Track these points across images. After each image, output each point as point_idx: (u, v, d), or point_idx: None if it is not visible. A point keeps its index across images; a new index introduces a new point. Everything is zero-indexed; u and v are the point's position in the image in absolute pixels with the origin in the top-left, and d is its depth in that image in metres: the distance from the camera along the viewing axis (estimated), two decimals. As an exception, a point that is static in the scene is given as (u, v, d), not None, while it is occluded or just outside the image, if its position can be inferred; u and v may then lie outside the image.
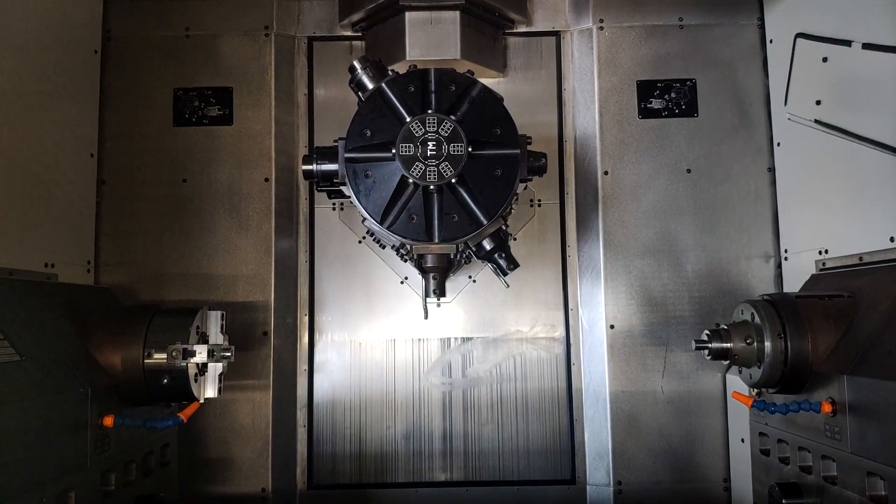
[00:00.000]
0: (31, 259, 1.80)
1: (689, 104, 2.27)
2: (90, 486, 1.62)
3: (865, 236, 1.73)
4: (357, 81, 1.69)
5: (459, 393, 2.30)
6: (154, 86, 2.27)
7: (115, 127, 2.24)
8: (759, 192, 2.23)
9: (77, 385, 1.58)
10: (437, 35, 2.15)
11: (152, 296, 2.18)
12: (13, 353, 1.46)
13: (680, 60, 2.30)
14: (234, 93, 2.26)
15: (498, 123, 1.59)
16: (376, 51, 2.25)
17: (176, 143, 2.25)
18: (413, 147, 1.54)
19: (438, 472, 2.28)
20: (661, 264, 2.22)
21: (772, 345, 1.64)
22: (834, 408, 1.52)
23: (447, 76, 1.61)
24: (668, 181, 2.25)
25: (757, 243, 2.22)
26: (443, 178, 1.53)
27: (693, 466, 2.18)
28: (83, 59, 2.14)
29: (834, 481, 1.55)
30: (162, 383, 1.72)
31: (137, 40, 2.28)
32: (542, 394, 2.30)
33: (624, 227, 2.24)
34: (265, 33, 2.28)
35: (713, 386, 2.19)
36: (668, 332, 2.20)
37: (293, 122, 2.34)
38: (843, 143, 1.82)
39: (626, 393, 2.20)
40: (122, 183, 2.23)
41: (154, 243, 2.21)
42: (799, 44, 2.04)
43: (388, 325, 2.31)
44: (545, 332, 2.31)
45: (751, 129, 2.26)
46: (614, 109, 2.28)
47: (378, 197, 1.56)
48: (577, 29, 2.36)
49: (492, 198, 1.57)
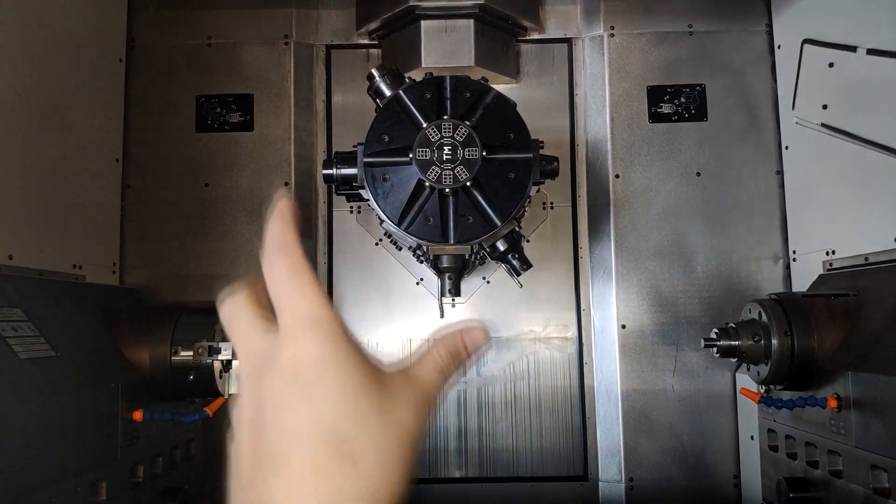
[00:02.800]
0: (60, 260, 1.87)
1: (699, 109, 2.32)
2: (120, 478, 1.68)
3: (871, 237, 1.77)
4: (375, 89, 1.73)
5: (474, 391, 2.35)
6: (177, 93, 2.34)
7: (140, 132, 2.31)
8: (768, 195, 2.27)
9: (108, 380, 1.65)
10: (451, 43, 2.20)
11: (176, 296, 2.24)
12: (49, 349, 1.53)
13: (689, 66, 2.34)
14: (254, 100, 2.33)
15: (511, 128, 1.63)
16: (392, 58, 2.31)
17: (198, 148, 2.32)
18: (429, 152, 1.58)
19: (454, 468, 2.33)
20: (672, 266, 2.26)
21: (779, 342, 1.68)
22: (839, 403, 1.56)
23: (462, 83, 1.65)
24: (679, 184, 2.29)
25: (766, 245, 2.25)
26: (458, 182, 1.57)
27: (703, 463, 2.22)
28: (108, 67, 2.21)
29: (840, 475, 1.59)
30: (188, 379, 1.78)
31: (161, 49, 2.36)
32: (555, 392, 2.34)
33: (635, 229, 2.28)
34: (285, 42, 2.35)
35: (723, 385, 2.22)
36: (678, 331, 2.24)
37: (312, 129, 2.40)
38: (850, 146, 1.86)
39: (638, 391, 2.24)
40: (147, 187, 2.30)
41: (178, 245, 2.28)
42: (806, 49, 2.09)
43: (404, 325, 2.37)
44: (558, 332, 2.36)
45: (759, 132, 2.30)
46: (625, 114, 2.33)
47: (395, 200, 1.60)
48: (588, 36, 2.41)
49: (505, 200, 1.61)
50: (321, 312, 0.47)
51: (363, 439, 0.44)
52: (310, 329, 0.46)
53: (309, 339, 0.46)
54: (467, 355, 0.53)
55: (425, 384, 0.50)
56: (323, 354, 0.45)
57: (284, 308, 0.48)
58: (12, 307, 1.51)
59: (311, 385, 0.45)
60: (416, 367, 0.51)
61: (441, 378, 0.51)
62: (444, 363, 0.51)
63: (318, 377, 0.45)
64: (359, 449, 0.44)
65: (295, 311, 0.47)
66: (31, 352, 1.47)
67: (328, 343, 0.46)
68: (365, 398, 0.45)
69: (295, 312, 0.47)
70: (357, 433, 0.44)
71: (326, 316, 0.47)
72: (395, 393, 0.47)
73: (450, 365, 0.52)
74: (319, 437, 0.44)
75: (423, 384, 0.50)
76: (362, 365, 0.47)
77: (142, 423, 1.73)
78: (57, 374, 1.51)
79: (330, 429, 0.44)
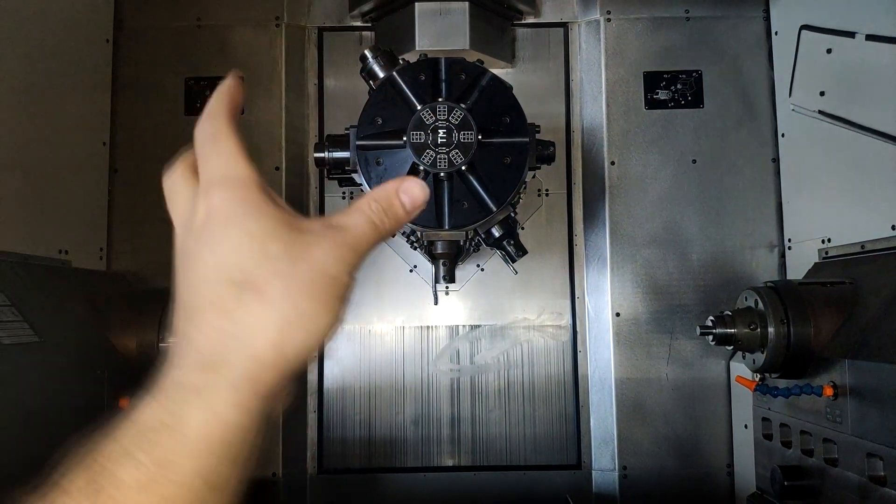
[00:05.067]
0: (46, 245, 1.83)
1: (695, 95, 2.30)
2: (107, 467, 1.65)
3: (867, 225, 1.75)
4: (368, 70, 1.70)
5: (467, 379, 2.33)
6: (165, 75, 2.30)
7: (127, 116, 2.27)
8: (764, 183, 2.26)
9: (94, 367, 1.62)
10: (446, 26, 2.17)
11: (164, 282, 2.20)
12: (33, 335, 1.50)
13: (686, 52, 2.32)
14: (244, 83, 2.28)
15: (507, 112, 1.60)
16: (386, 41, 2.27)
17: (187, 131, 2.22)
18: (424, 135, 1.55)
19: (446, 457, 2.32)
20: (667, 253, 2.25)
21: (775, 330, 1.67)
22: (835, 391, 1.55)
23: (457, 65, 1.62)
24: (674, 171, 2.28)
25: (761, 233, 2.24)
26: (453, 166, 1.55)
27: (697, 452, 2.21)
28: (95, 49, 2.17)
29: (835, 463, 1.58)
30: (176, 367, 1.75)
31: (149, 30, 2.31)
32: (549, 380, 2.33)
33: (630, 216, 2.27)
34: (276, 24, 2.31)
35: (717, 373, 2.22)
36: (673, 320, 2.23)
37: (303, 112, 2.36)
38: (846, 133, 1.84)
39: (632, 380, 2.23)
40: (135, 171, 2.26)
41: (166, 230, 2.17)
42: (803, 35, 2.06)
43: (397, 312, 2.34)
44: (552, 320, 2.34)
45: (756, 120, 2.28)
46: (621, 100, 2.30)
47: (389, 184, 1.56)
48: (584, 20, 2.38)
49: (501, 185, 1.58)
50: (233, 170, 0.49)
51: (268, 273, 0.44)
52: (219, 186, 0.48)
53: (217, 195, 0.47)
54: (403, 209, 0.52)
55: (349, 230, 0.49)
56: (230, 207, 0.47)
57: (202, 170, 0.51)
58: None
59: (215, 236, 0.46)
60: (340, 216, 0.50)
61: (370, 227, 0.50)
62: (374, 214, 0.50)
63: (223, 227, 0.46)
64: (264, 281, 0.44)
65: (210, 171, 0.49)
66: (14, 337, 1.43)
67: (236, 196, 0.47)
68: (272, 240, 0.46)
69: (210, 172, 0.49)
70: (262, 269, 0.45)
71: (238, 173, 0.48)
72: (309, 236, 0.47)
73: (381, 215, 0.51)
74: (222, 280, 0.44)
75: (347, 230, 0.49)
76: (272, 213, 0.47)
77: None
78: (41, 361, 1.47)
79: (233, 268, 0.45)
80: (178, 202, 0.54)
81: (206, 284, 0.45)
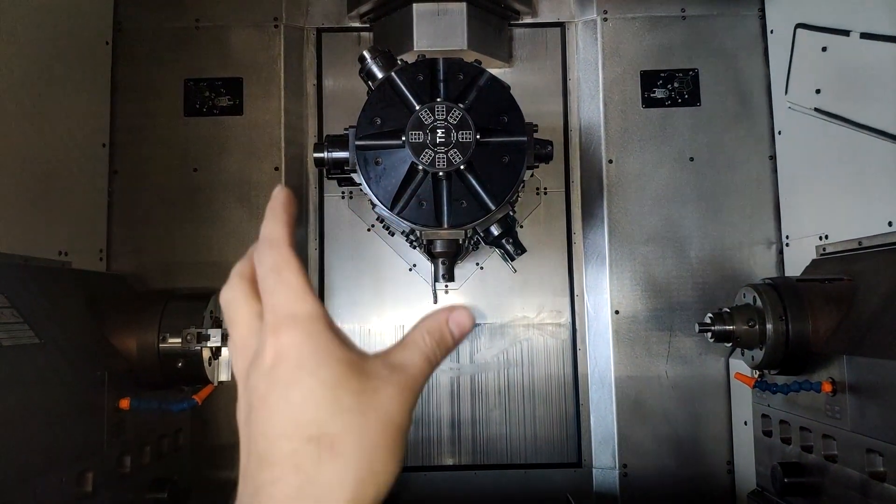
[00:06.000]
0: (46, 247, 1.83)
1: (692, 94, 2.30)
2: (107, 468, 1.65)
3: (865, 221, 1.76)
4: (367, 71, 1.70)
5: (467, 378, 2.33)
6: (165, 76, 2.30)
7: (127, 117, 2.27)
8: (761, 180, 2.27)
9: (94, 368, 1.62)
10: (444, 26, 2.18)
11: (163, 283, 2.21)
12: (33, 336, 1.50)
13: (682, 51, 2.33)
14: (243, 83, 2.29)
15: (505, 111, 1.61)
16: (384, 42, 2.28)
17: (186, 133, 2.28)
18: (422, 135, 1.56)
19: (447, 456, 2.32)
20: (665, 251, 2.26)
21: (773, 326, 1.68)
22: (834, 387, 1.56)
23: (455, 65, 1.63)
24: (672, 169, 2.28)
25: (759, 230, 2.25)
26: (452, 165, 1.55)
27: (697, 450, 2.22)
28: (95, 51, 2.17)
29: (834, 459, 1.59)
30: (177, 367, 1.76)
31: (148, 31, 2.31)
32: (549, 379, 2.34)
33: (628, 214, 2.27)
34: (274, 24, 2.31)
35: (717, 371, 2.22)
36: (672, 317, 2.23)
37: (302, 113, 2.37)
38: (843, 130, 1.85)
39: (631, 378, 2.23)
40: (134, 172, 2.26)
41: (165, 231, 2.25)
42: (799, 34, 2.07)
43: (396, 312, 2.35)
44: (551, 319, 2.35)
45: (752, 117, 2.29)
46: (618, 99, 2.31)
47: (388, 184, 1.58)
48: (581, 20, 2.39)
49: (500, 184, 1.59)
50: (301, 308, 0.47)
51: (342, 428, 0.44)
52: (288, 326, 0.46)
53: (286, 335, 0.46)
54: (452, 339, 0.52)
55: (409, 370, 0.49)
56: (300, 351, 0.46)
57: (267, 305, 0.48)
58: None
59: (288, 383, 0.45)
60: (398, 354, 0.50)
61: (426, 364, 0.50)
62: (428, 348, 0.50)
63: (295, 374, 0.45)
64: (338, 437, 0.44)
65: (276, 307, 0.47)
66: (14, 339, 1.44)
67: (306, 339, 0.46)
68: (343, 389, 0.45)
69: (276, 309, 0.47)
70: (335, 423, 0.44)
71: (307, 311, 0.47)
72: (376, 381, 0.47)
73: (434, 350, 0.51)
74: (299, 435, 0.44)
75: (407, 370, 0.49)
76: (342, 357, 0.46)
77: (129, 412, 1.70)
78: (41, 362, 1.48)
79: (309, 423, 0.44)
80: (239, 322, 0.52)
81: (284, 439, 0.44)
